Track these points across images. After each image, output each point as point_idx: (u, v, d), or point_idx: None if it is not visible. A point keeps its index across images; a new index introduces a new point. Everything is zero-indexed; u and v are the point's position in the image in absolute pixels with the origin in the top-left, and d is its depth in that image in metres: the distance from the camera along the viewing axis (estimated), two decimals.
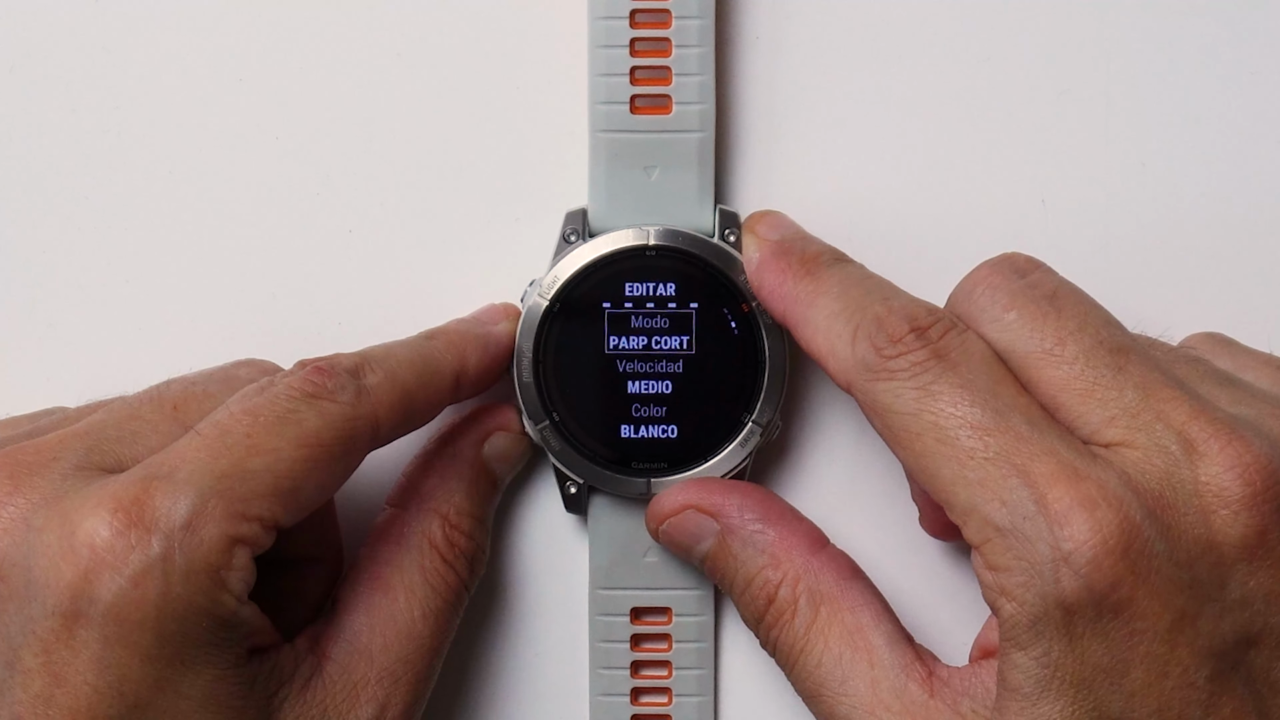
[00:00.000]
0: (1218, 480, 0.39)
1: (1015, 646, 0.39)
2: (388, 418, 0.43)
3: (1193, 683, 0.39)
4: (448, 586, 0.45)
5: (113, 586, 0.38)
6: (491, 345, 0.47)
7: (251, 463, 0.41)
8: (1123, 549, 0.38)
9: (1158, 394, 0.40)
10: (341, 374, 0.43)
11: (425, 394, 0.45)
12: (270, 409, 0.42)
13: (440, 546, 0.45)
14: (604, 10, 0.47)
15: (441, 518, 0.46)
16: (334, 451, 0.42)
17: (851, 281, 0.45)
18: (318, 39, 0.49)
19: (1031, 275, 0.43)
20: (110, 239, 0.50)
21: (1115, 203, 0.50)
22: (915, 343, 0.41)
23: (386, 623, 0.44)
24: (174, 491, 0.39)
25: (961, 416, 0.40)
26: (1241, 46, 0.50)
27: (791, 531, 0.45)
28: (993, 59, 0.49)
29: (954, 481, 0.40)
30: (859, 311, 0.43)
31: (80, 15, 0.50)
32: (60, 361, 0.50)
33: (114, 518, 0.39)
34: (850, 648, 0.43)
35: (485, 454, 0.47)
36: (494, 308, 0.48)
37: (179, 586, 0.39)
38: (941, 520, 0.45)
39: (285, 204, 0.50)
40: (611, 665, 0.48)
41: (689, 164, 0.47)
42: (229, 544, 0.40)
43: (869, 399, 0.42)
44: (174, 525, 0.39)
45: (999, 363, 0.42)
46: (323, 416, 0.42)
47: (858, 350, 0.42)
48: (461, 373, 0.46)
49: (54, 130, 0.50)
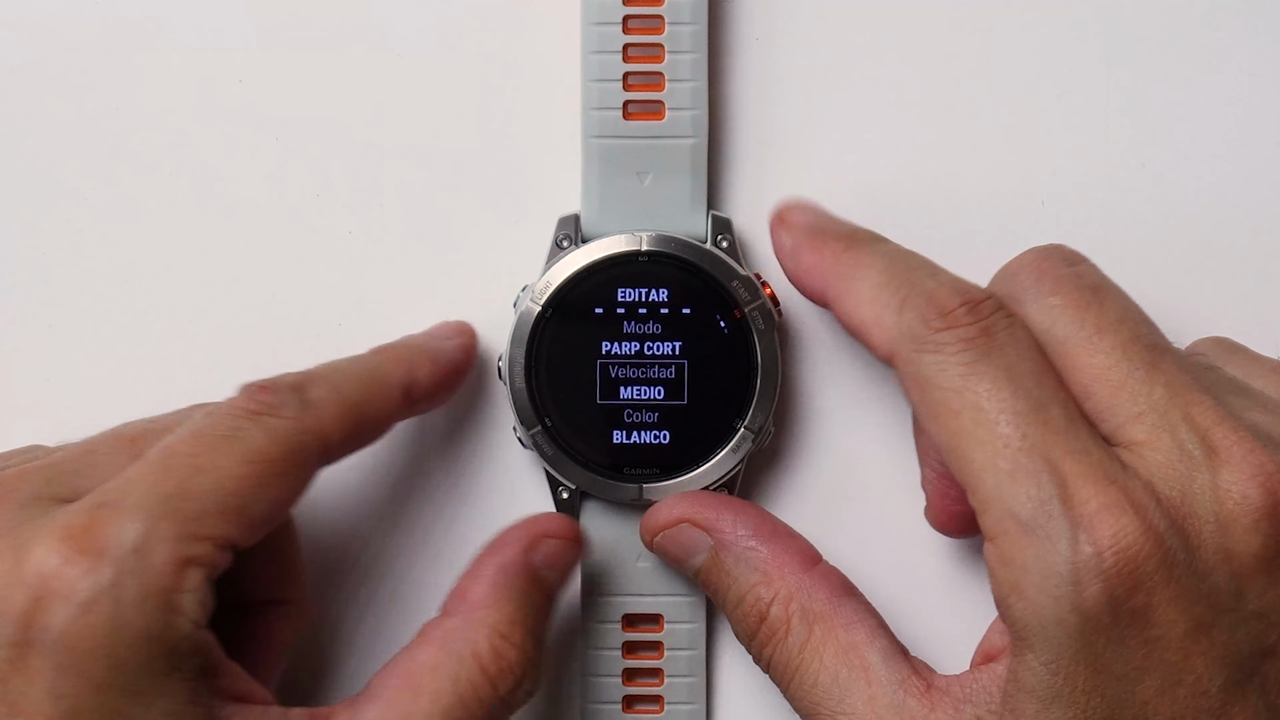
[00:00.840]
0: (1240, 488, 0.39)
1: (1026, 648, 0.39)
2: (335, 431, 0.43)
3: (1206, 691, 0.39)
4: (478, 701, 0.43)
5: (64, 615, 0.38)
6: (442, 360, 0.47)
7: (197, 482, 0.40)
8: (1145, 556, 0.38)
9: (1186, 396, 0.40)
10: (285, 390, 0.43)
11: (373, 406, 0.45)
12: (214, 429, 0.41)
13: (484, 657, 0.43)
14: (597, 16, 0.47)
15: (490, 627, 0.44)
16: (281, 466, 0.42)
17: (897, 256, 0.44)
18: (317, 41, 0.49)
19: (1078, 266, 0.43)
20: (110, 239, 0.50)
21: (1115, 203, 0.49)
22: (966, 317, 0.41)
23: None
24: (122, 517, 0.39)
25: (1003, 401, 0.40)
26: (1241, 46, 0.49)
27: (784, 549, 0.45)
28: (992, 60, 0.49)
29: (983, 467, 0.40)
30: (907, 284, 0.43)
31: (80, 15, 0.50)
32: (60, 362, 0.50)
33: (63, 545, 0.39)
34: (846, 666, 0.43)
35: (536, 561, 0.46)
36: (447, 324, 0.49)
37: (130, 612, 0.38)
38: (950, 511, 0.45)
39: (285, 205, 0.50)
40: (603, 673, 0.48)
41: (682, 170, 0.47)
42: (180, 565, 0.39)
43: (912, 370, 0.41)
44: (124, 550, 0.39)
45: (1043, 353, 0.41)
46: (268, 432, 0.42)
47: (905, 320, 0.42)
48: (411, 385, 0.46)
49: (54, 130, 0.50)
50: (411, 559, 0.50)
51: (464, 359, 0.48)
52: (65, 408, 0.48)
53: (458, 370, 0.48)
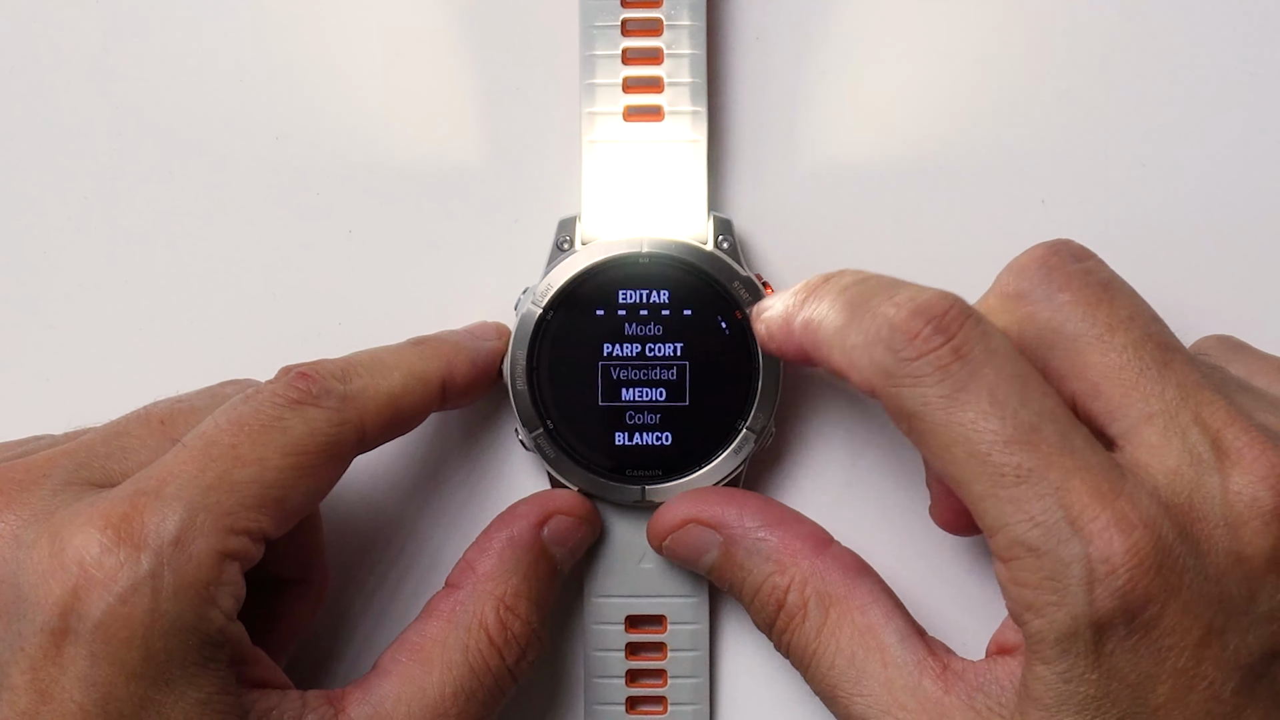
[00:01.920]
0: (1250, 490, 0.39)
1: (1040, 660, 0.39)
2: (373, 423, 0.43)
3: (1218, 696, 0.39)
4: (489, 670, 0.44)
5: (101, 604, 0.39)
6: (480, 361, 0.47)
7: (238, 474, 0.41)
8: (1156, 568, 0.38)
9: (1198, 396, 0.40)
10: (326, 379, 0.43)
11: (411, 400, 0.45)
12: (255, 418, 0.42)
13: (491, 628, 0.44)
14: (596, 19, 0.47)
15: (497, 599, 0.45)
16: (320, 458, 0.42)
17: (851, 288, 0.43)
18: (318, 42, 0.49)
19: (1087, 262, 0.43)
20: (110, 239, 0.50)
21: (1115, 203, 0.49)
22: (935, 338, 0.40)
23: (415, 694, 0.43)
24: (162, 507, 0.39)
25: (995, 432, 0.39)
26: (1241, 46, 0.49)
27: (794, 534, 0.45)
28: (992, 60, 0.49)
29: (984, 498, 0.39)
30: (867, 317, 0.41)
31: (80, 15, 0.50)
32: (61, 362, 0.50)
33: (103, 534, 0.39)
34: (863, 647, 0.43)
35: (545, 538, 0.46)
36: (487, 325, 0.49)
37: (168, 603, 0.39)
38: (955, 509, 0.45)
39: (285, 205, 0.50)
40: (607, 674, 0.48)
41: (682, 171, 0.47)
42: (218, 559, 0.40)
43: (895, 405, 0.40)
44: (163, 541, 0.39)
45: (1022, 357, 0.40)
46: (308, 423, 0.42)
47: (875, 357, 0.40)
48: (448, 382, 0.46)
49: (54, 130, 0.50)
50: (411, 562, 0.50)
51: (498, 362, 0.48)
52: (65, 407, 0.48)
53: (493, 372, 0.48)
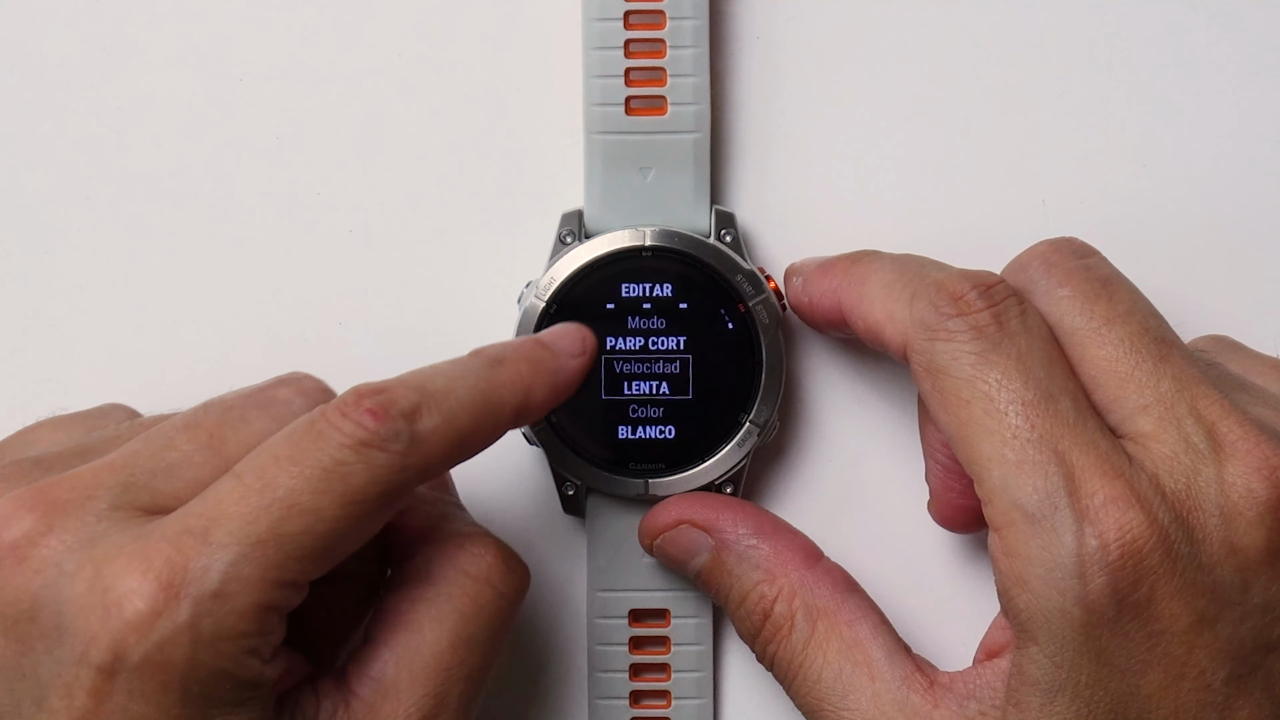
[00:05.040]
0: (1245, 482, 0.39)
1: (1029, 640, 0.39)
2: (438, 465, 0.41)
3: (1210, 685, 0.39)
4: (479, 609, 0.42)
5: (139, 650, 0.38)
6: (560, 383, 0.44)
7: (291, 525, 0.39)
8: (1148, 550, 0.38)
9: (1193, 389, 0.41)
10: (397, 419, 0.40)
11: (480, 435, 0.42)
12: (315, 459, 0.39)
13: (466, 566, 0.43)
14: (598, 12, 0.47)
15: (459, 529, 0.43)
16: (378, 504, 0.40)
17: (904, 258, 0.45)
18: (318, 40, 0.49)
19: (1088, 259, 0.44)
20: (111, 239, 0.50)
21: (1115, 203, 0.50)
22: (979, 302, 0.41)
23: (413, 656, 0.41)
24: (208, 555, 0.38)
25: (1014, 391, 0.40)
26: (1241, 46, 0.49)
27: (786, 546, 0.45)
28: (992, 59, 0.49)
29: (990, 458, 0.40)
30: (917, 278, 0.43)
31: (80, 15, 0.50)
32: (61, 362, 0.50)
33: (144, 579, 0.38)
34: (850, 662, 0.43)
35: None
36: (574, 337, 0.46)
37: (205, 654, 0.38)
38: (954, 505, 0.45)
39: (286, 204, 0.50)
40: (610, 668, 0.48)
41: (684, 165, 0.47)
42: (260, 612, 0.38)
43: (925, 359, 0.42)
44: (204, 593, 0.38)
45: (1054, 341, 0.42)
46: (371, 470, 0.39)
47: (916, 310, 0.42)
48: (523, 411, 0.43)
49: (54, 130, 0.50)
50: None
51: (581, 381, 0.45)
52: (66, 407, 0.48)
53: (572, 392, 0.45)
